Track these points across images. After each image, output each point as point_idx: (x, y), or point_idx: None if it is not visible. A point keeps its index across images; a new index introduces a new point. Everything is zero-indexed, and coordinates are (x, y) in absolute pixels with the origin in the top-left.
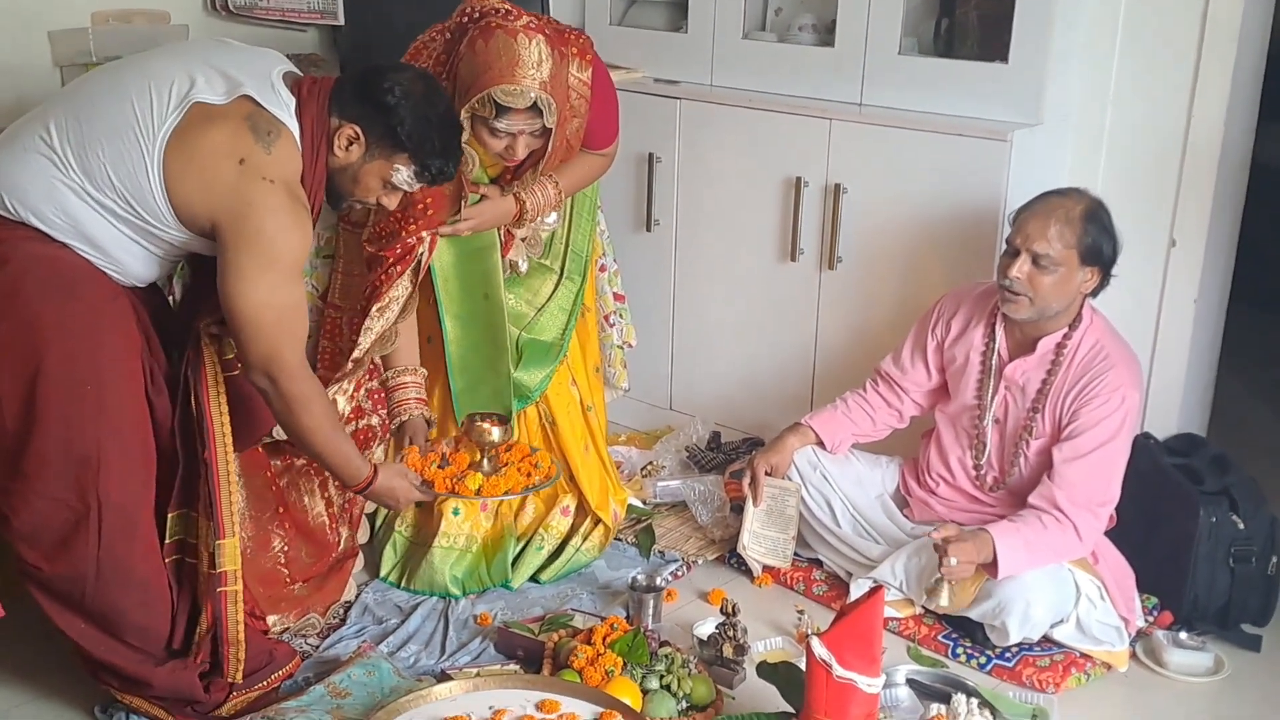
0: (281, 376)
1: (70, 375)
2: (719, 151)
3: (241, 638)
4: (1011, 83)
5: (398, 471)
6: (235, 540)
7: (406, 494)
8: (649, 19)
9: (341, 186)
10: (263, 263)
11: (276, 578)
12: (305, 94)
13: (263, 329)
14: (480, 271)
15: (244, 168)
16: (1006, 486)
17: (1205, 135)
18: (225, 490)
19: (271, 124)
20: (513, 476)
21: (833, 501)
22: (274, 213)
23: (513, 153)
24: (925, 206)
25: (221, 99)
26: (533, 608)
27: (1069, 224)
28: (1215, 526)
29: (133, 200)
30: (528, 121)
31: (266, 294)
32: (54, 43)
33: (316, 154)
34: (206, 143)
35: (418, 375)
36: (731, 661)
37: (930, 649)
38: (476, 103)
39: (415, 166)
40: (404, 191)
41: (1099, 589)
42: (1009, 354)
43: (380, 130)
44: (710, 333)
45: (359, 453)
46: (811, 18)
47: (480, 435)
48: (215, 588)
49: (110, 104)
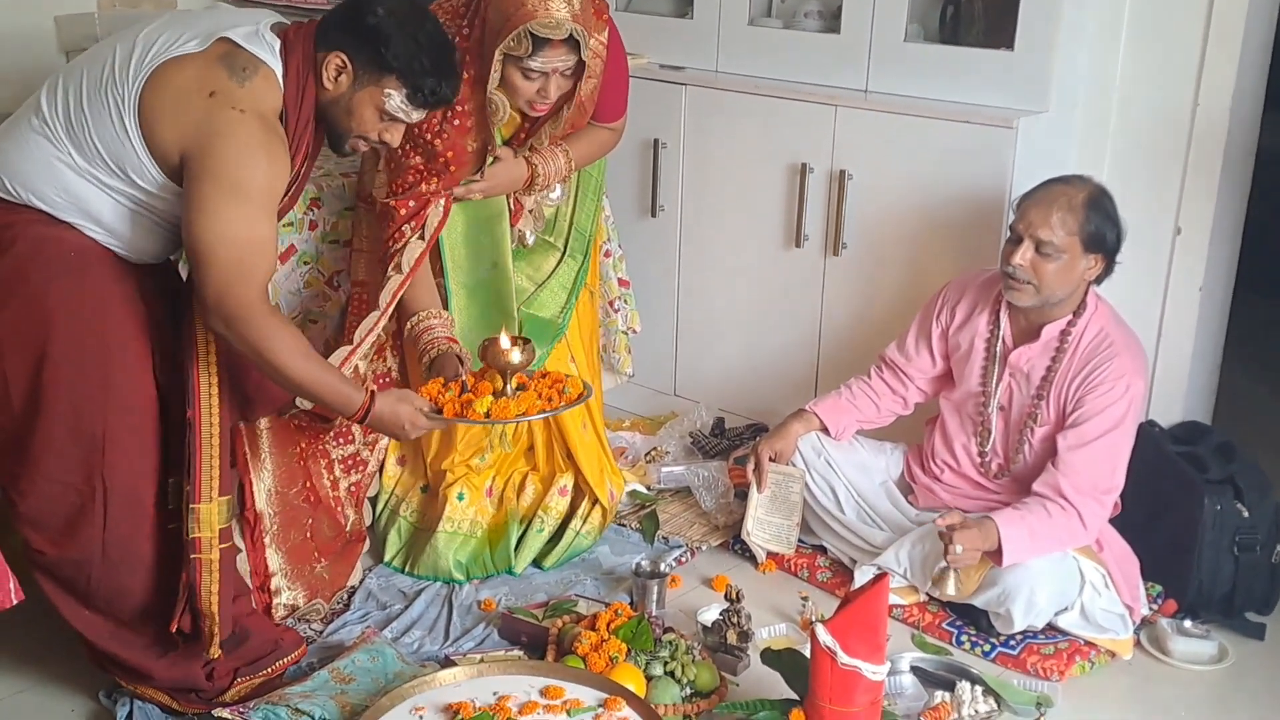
0: (237, 314)
1: (77, 357)
2: (724, 137)
3: (214, 610)
4: (1017, 69)
5: (400, 396)
6: (212, 505)
7: (412, 419)
8: (655, 4)
9: (338, 122)
10: (227, 194)
11: (306, 552)
12: (292, 36)
13: (219, 262)
14: (490, 240)
15: (213, 99)
16: (1011, 474)
17: (1211, 122)
18: (205, 453)
19: (249, 61)
20: (527, 399)
21: (837, 488)
22: (242, 142)
23: (545, 95)
24: (930, 193)
25: (198, 48)
26: (536, 593)
27: (1072, 211)
28: (1220, 515)
29: (118, 161)
30: (563, 57)
31: (228, 226)
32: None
33: (303, 91)
34: (178, 80)
35: (443, 316)
36: (735, 648)
37: (935, 636)
38: (511, 40)
39: (407, 89)
40: (404, 122)
41: (1103, 577)
42: (1013, 341)
43: (367, 54)
44: (715, 318)
45: (348, 379)
46: (817, 4)
47: (498, 357)
48: (190, 554)
49: (92, 71)
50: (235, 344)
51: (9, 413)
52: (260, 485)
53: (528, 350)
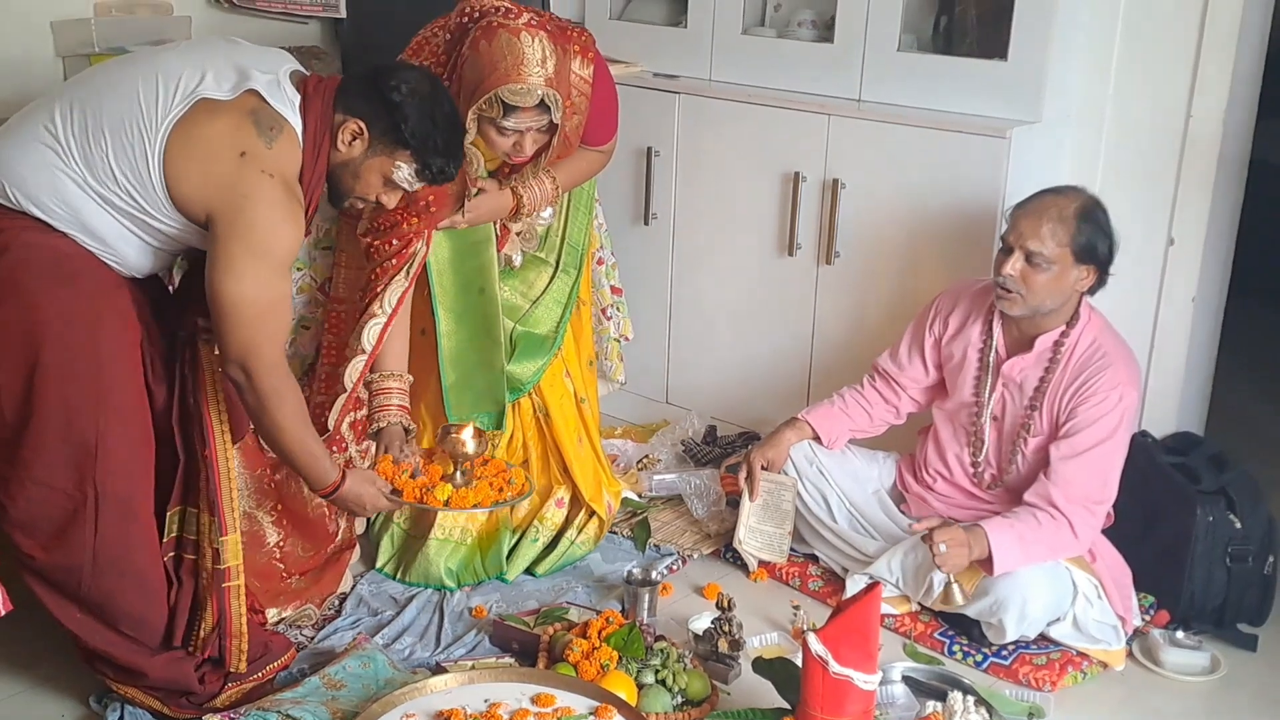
0: (258, 370)
1: (69, 363)
2: (717, 146)
3: (244, 629)
4: (1010, 80)
5: (366, 478)
6: (237, 536)
7: (374, 501)
8: (648, 13)
9: (342, 183)
10: (253, 255)
11: (272, 572)
12: (310, 91)
13: (244, 321)
14: (475, 266)
15: (244, 160)
16: (1004, 484)
17: (1204, 133)
18: (226, 487)
19: (274, 119)
20: (483, 490)
21: (829, 497)
22: (270, 206)
23: (520, 150)
24: (923, 202)
25: (227, 95)
26: (528, 601)
27: (1062, 222)
28: (1212, 525)
29: (134, 192)
30: (535, 119)
31: (252, 287)
32: (57, 33)
33: (319, 150)
34: (208, 133)
35: (403, 381)
36: (727, 657)
37: (927, 646)
38: (484, 103)
39: (417, 165)
40: (403, 190)
41: (1096, 587)
42: (1007, 351)
43: (384, 126)
44: (707, 327)
45: (329, 455)
46: (811, 13)
47: (454, 446)
48: (220, 583)
49: (116, 97)
50: (246, 396)
51: (1, 419)
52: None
53: (481, 441)
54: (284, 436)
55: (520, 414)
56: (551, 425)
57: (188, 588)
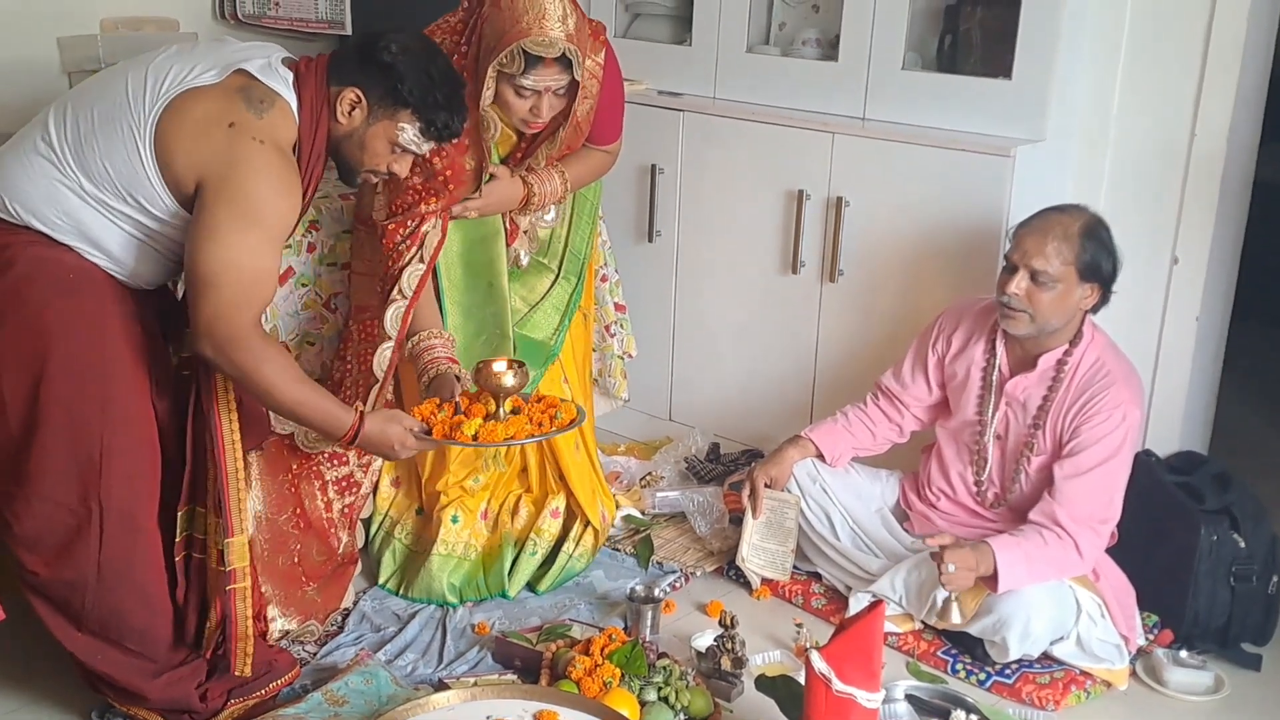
0: (232, 338)
1: (75, 377)
2: (721, 163)
3: (250, 633)
4: (1015, 98)
5: (389, 416)
6: (244, 538)
7: (401, 439)
8: (653, 32)
9: (350, 156)
10: (241, 222)
11: (294, 577)
12: (304, 69)
13: (223, 289)
14: (485, 259)
15: (233, 129)
16: (1007, 503)
17: (1208, 152)
18: (234, 490)
19: (265, 94)
20: (517, 423)
21: (832, 514)
22: (261, 172)
23: (538, 113)
24: (927, 221)
25: (215, 79)
26: (530, 617)
27: (1067, 240)
28: (1216, 545)
29: (129, 188)
30: (555, 77)
31: (237, 254)
32: (63, 49)
33: (316, 124)
34: (197, 111)
35: (444, 336)
36: (729, 674)
37: (930, 664)
38: (504, 57)
39: (420, 123)
40: (414, 154)
41: (1099, 606)
42: (1010, 370)
43: (381, 89)
44: (711, 344)
45: (337, 401)
46: (815, 32)
47: (491, 380)
48: (225, 585)
49: (106, 98)
50: (224, 368)
51: (5, 433)
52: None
53: (521, 373)
54: (280, 396)
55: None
56: None
57: (195, 586)
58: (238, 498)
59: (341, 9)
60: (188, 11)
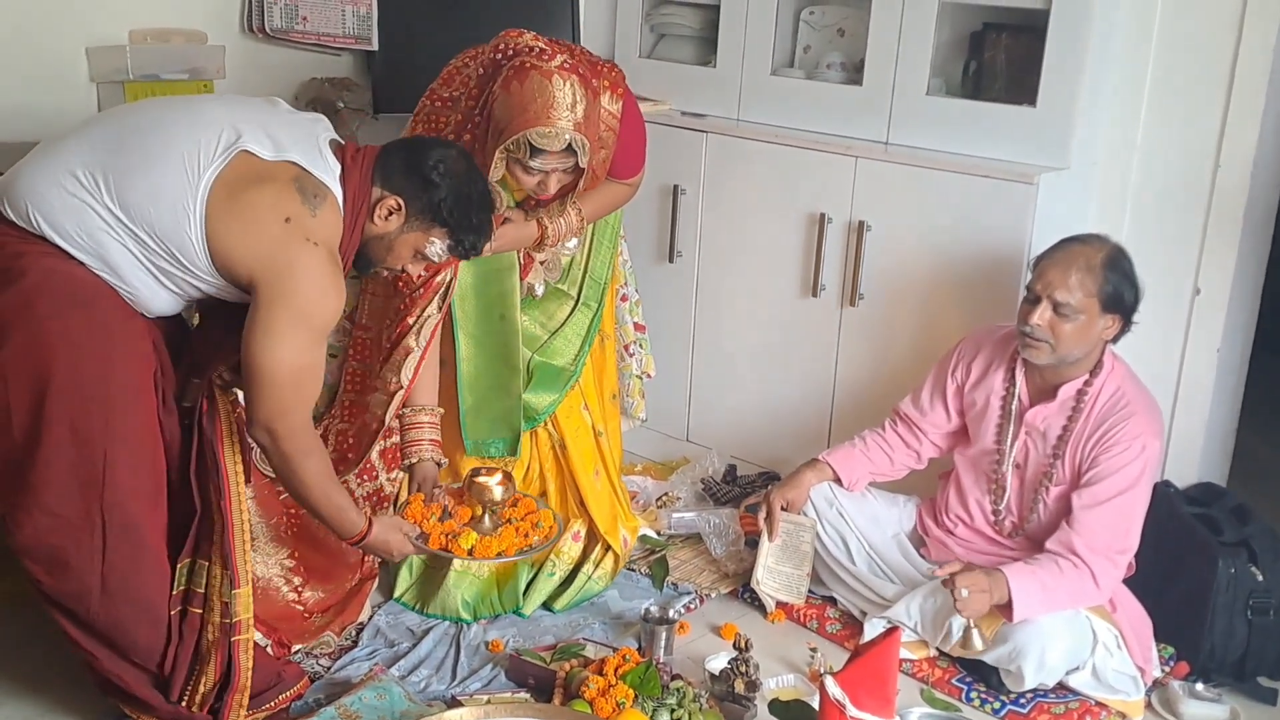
0: (285, 434)
1: (80, 390)
2: (744, 185)
3: (248, 684)
4: (1039, 126)
5: (393, 524)
6: (249, 589)
7: (400, 547)
8: (678, 53)
9: (374, 254)
10: (295, 322)
11: (294, 614)
12: (349, 161)
13: (278, 386)
14: (498, 292)
15: (289, 226)
16: (1025, 532)
17: (1232, 184)
18: (240, 540)
19: (318, 188)
20: (508, 537)
21: (848, 539)
22: (315, 275)
23: (545, 189)
24: (949, 247)
25: (269, 154)
26: (545, 636)
27: (1090, 272)
28: (1234, 577)
29: (167, 239)
30: (561, 161)
31: (291, 353)
32: (91, 60)
33: (356, 220)
34: (253, 196)
35: (434, 415)
36: (743, 697)
37: (944, 692)
38: (511, 144)
39: (450, 240)
40: (430, 260)
41: (1116, 637)
42: (1030, 399)
43: (422, 204)
44: (729, 365)
45: (354, 505)
46: (840, 56)
47: (481, 492)
48: (230, 637)
49: (154, 138)
50: (272, 457)
51: (10, 443)
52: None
53: (509, 487)
54: (311, 493)
55: (538, 445)
56: (567, 457)
57: (189, 643)
58: (244, 548)
59: (369, 24)
60: (216, 24)
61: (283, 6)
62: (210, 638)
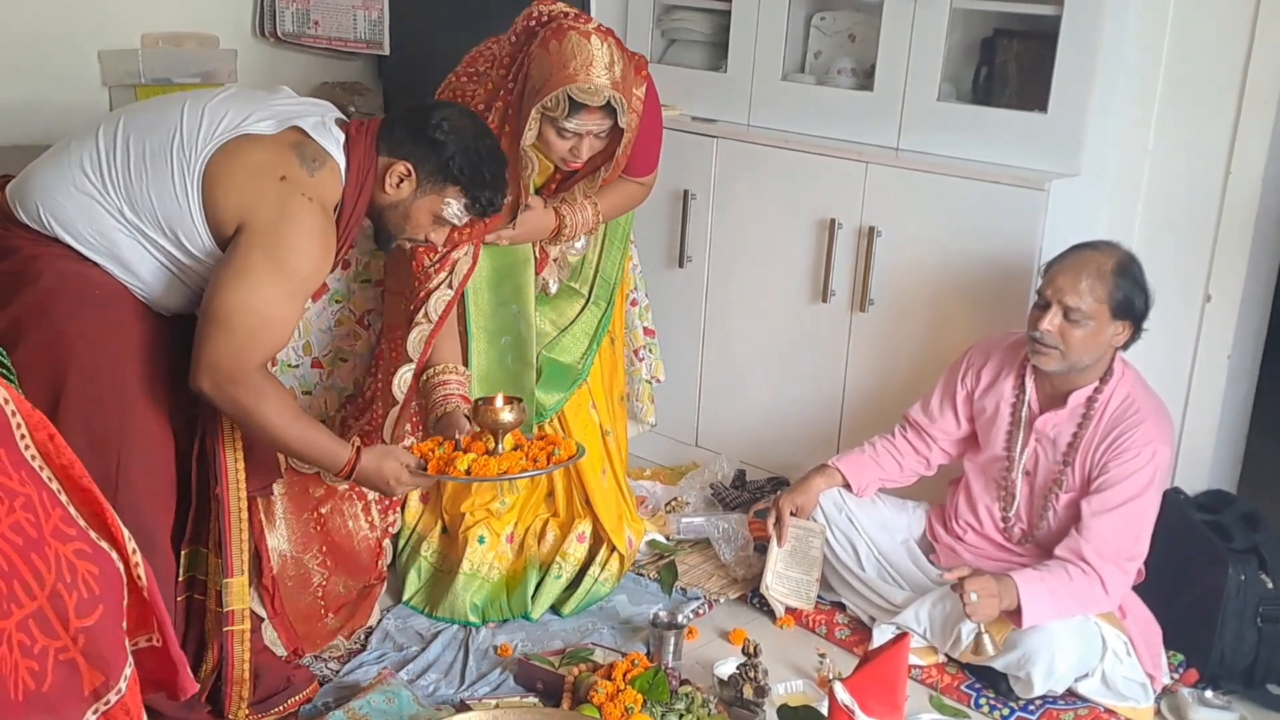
0: (234, 377)
1: (94, 391)
2: (754, 190)
3: (246, 676)
4: (1050, 132)
5: (385, 452)
6: (243, 579)
7: (397, 475)
8: (689, 58)
9: (391, 224)
10: (273, 269)
11: (314, 613)
12: (354, 133)
13: (235, 332)
14: (513, 286)
15: (285, 182)
16: (1034, 539)
17: (1243, 190)
18: (235, 529)
19: (318, 153)
20: (510, 458)
21: (857, 545)
22: (305, 228)
23: (577, 154)
24: (959, 253)
25: (271, 130)
26: (553, 640)
27: (1100, 278)
28: (1244, 584)
29: (170, 222)
30: (598, 122)
31: (260, 300)
32: (104, 64)
33: (360, 190)
34: (249, 159)
35: (461, 373)
36: (751, 703)
37: (953, 698)
38: (550, 101)
39: (466, 199)
40: (451, 225)
41: (1125, 644)
42: (1040, 406)
43: (432, 165)
44: (739, 371)
45: (334, 436)
46: (851, 62)
47: (488, 416)
48: (223, 626)
49: (158, 130)
50: (221, 404)
51: None
52: (274, 551)
53: (519, 410)
54: (275, 431)
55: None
56: None
57: (195, 629)
58: (239, 538)
59: (380, 29)
60: (228, 28)
61: (294, 11)
62: (210, 625)
